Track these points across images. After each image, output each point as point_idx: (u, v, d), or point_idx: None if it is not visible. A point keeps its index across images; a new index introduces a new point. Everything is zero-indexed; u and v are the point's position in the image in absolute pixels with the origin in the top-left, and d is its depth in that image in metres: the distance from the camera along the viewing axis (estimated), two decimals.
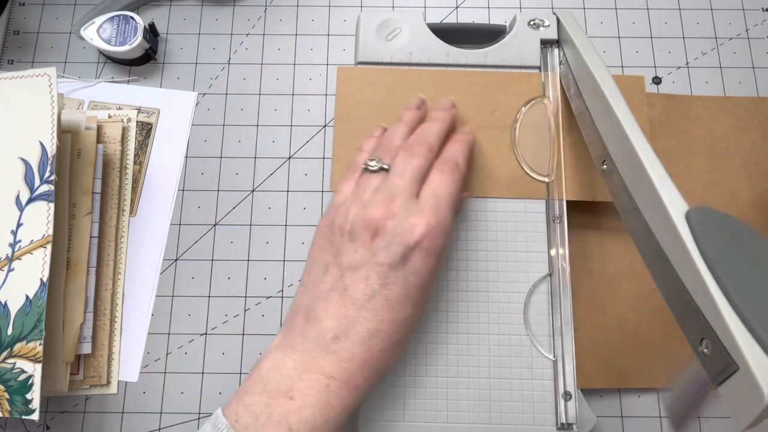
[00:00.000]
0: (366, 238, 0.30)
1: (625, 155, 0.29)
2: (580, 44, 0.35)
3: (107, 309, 0.39)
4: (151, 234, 0.41)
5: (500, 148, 0.37)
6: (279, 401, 0.27)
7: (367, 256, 0.29)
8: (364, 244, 0.30)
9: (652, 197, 0.26)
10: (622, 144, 0.29)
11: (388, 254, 0.29)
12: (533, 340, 0.34)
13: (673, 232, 0.24)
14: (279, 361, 0.29)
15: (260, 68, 0.45)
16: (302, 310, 0.30)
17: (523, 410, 0.33)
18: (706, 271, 0.22)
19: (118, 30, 0.43)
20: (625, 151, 0.29)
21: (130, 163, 0.42)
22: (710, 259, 0.22)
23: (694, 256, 0.23)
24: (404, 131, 0.34)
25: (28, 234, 0.34)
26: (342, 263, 0.30)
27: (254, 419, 0.27)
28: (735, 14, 0.46)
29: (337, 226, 0.31)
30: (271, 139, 0.43)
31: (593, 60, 0.34)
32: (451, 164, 0.33)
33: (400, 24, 0.39)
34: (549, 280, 0.35)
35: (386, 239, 0.29)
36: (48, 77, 0.37)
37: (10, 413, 0.32)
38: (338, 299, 0.29)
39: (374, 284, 0.29)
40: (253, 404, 0.27)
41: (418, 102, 0.36)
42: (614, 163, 0.30)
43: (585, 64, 0.34)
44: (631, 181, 0.28)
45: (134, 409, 0.38)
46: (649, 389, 0.38)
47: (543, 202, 0.37)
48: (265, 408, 0.27)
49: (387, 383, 0.34)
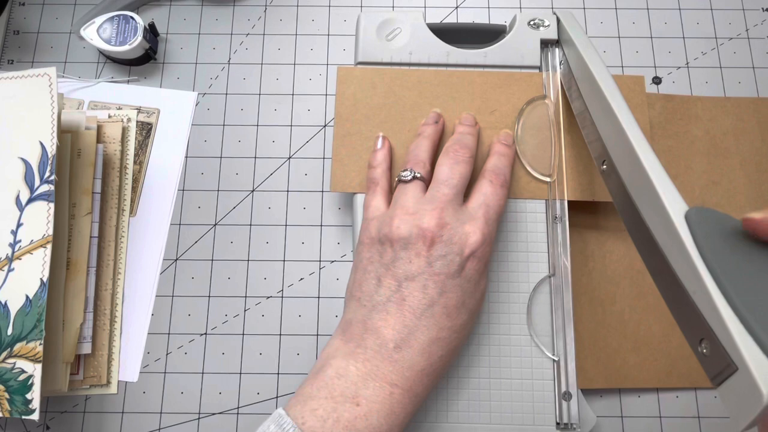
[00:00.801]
0: (421, 247, 0.30)
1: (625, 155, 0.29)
2: (580, 44, 0.35)
3: (107, 309, 0.39)
4: (151, 234, 0.41)
5: None
6: (345, 407, 0.27)
7: (423, 265, 0.30)
8: (419, 254, 0.30)
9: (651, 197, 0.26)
10: (622, 144, 0.29)
11: (445, 263, 0.30)
12: (536, 340, 0.34)
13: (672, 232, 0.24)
14: (342, 369, 0.29)
15: (260, 68, 0.45)
16: (359, 322, 0.30)
17: (523, 410, 0.33)
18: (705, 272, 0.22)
19: (118, 30, 0.43)
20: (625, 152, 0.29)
21: (130, 163, 0.42)
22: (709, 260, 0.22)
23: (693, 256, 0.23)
24: (428, 145, 0.35)
25: (28, 234, 0.34)
26: (397, 274, 0.30)
27: (321, 423, 0.27)
28: (735, 14, 0.46)
29: (386, 237, 0.31)
30: (271, 139, 0.43)
31: (593, 60, 0.34)
32: (502, 179, 0.34)
33: (400, 24, 0.39)
34: (550, 281, 0.35)
35: (443, 248, 0.30)
36: (48, 77, 0.37)
37: (10, 413, 0.32)
38: (396, 309, 0.30)
39: (432, 293, 0.29)
40: (319, 408, 0.27)
41: (435, 116, 0.37)
42: (614, 163, 0.30)
43: (585, 64, 0.34)
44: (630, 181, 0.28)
45: (134, 409, 0.38)
46: (649, 389, 0.38)
47: (544, 202, 0.37)
48: (332, 413, 0.27)
49: None
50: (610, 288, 0.39)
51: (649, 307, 0.38)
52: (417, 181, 0.33)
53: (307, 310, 0.39)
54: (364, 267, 0.32)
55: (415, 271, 0.30)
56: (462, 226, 0.31)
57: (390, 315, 0.30)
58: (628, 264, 0.39)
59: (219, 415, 0.38)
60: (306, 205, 0.42)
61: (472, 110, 0.38)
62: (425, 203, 0.32)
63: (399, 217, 0.31)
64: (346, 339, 0.30)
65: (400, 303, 0.30)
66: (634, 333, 0.38)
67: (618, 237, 0.39)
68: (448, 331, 0.30)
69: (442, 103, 0.38)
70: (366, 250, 0.32)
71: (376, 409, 0.28)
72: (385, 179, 0.35)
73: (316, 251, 0.41)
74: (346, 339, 0.30)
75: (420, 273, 0.30)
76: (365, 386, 0.28)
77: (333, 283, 0.40)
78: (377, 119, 0.38)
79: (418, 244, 0.30)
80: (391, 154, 0.37)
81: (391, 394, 0.28)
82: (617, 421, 0.37)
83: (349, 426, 0.27)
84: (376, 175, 0.35)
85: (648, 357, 0.38)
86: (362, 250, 0.33)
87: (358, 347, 0.29)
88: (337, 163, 0.37)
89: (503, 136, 0.37)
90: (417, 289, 0.30)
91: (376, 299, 0.30)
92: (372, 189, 0.35)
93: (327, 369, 0.29)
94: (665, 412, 0.37)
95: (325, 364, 0.29)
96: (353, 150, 0.37)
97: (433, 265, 0.30)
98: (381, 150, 0.36)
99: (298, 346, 0.39)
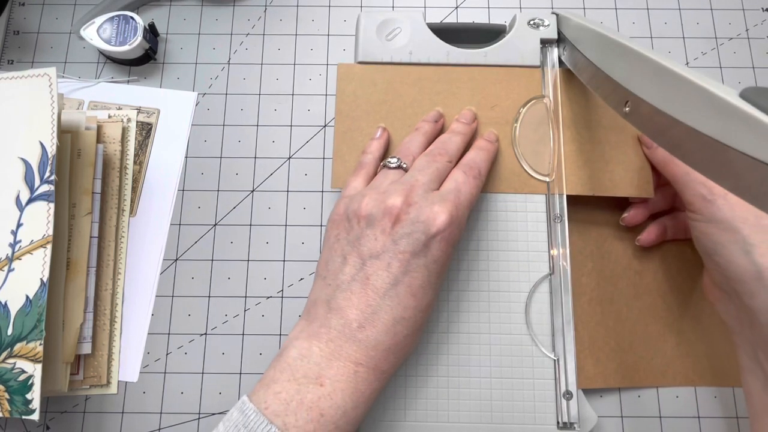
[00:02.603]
0: (386, 224, 0.30)
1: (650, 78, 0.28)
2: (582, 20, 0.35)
3: (107, 309, 0.39)
4: (151, 234, 0.41)
5: (501, 143, 0.37)
6: (309, 388, 0.27)
7: (388, 243, 0.30)
8: (384, 231, 0.30)
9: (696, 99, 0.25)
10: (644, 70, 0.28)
11: (410, 242, 0.30)
12: (535, 339, 0.34)
13: (735, 114, 0.23)
14: (305, 349, 0.29)
15: (260, 68, 0.45)
16: (322, 302, 0.30)
17: (524, 409, 0.33)
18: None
19: (118, 30, 0.43)
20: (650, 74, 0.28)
21: (130, 163, 0.42)
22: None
23: (766, 122, 0.22)
24: (422, 141, 0.35)
25: (28, 234, 0.34)
26: (362, 252, 0.30)
27: (285, 406, 0.27)
28: (735, 14, 0.46)
29: (353, 213, 0.31)
30: (271, 139, 0.43)
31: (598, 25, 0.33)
32: (475, 171, 0.33)
33: (400, 24, 0.39)
34: (550, 280, 0.35)
35: (408, 226, 0.30)
36: (48, 77, 0.37)
37: (10, 413, 0.32)
38: (360, 288, 0.29)
39: (396, 272, 0.29)
40: (282, 391, 0.27)
41: (436, 115, 0.37)
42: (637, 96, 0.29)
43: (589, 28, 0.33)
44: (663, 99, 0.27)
45: (134, 409, 0.38)
46: (649, 389, 0.38)
47: (543, 202, 0.37)
48: (296, 395, 0.27)
49: (389, 383, 0.34)
50: (609, 288, 0.39)
51: (647, 307, 0.38)
52: (400, 170, 0.33)
53: None
54: (331, 245, 0.32)
55: (379, 248, 0.30)
56: (430, 206, 0.30)
57: (354, 294, 0.29)
58: (627, 264, 0.39)
59: (219, 415, 0.38)
60: (306, 205, 0.42)
61: (472, 106, 0.38)
62: (397, 185, 0.32)
63: (369, 195, 0.31)
64: (310, 319, 0.30)
65: (363, 282, 0.29)
66: (634, 332, 0.38)
67: (617, 237, 0.39)
68: (413, 311, 0.30)
69: (442, 99, 0.38)
70: (334, 227, 0.32)
71: (341, 387, 0.28)
72: (373, 166, 0.35)
73: (316, 251, 0.41)
74: (309, 320, 0.30)
75: (384, 251, 0.30)
76: (329, 366, 0.28)
77: None
78: (378, 116, 0.38)
79: (384, 220, 0.30)
80: (388, 147, 0.37)
81: (355, 373, 0.28)
82: (617, 421, 0.37)
83: (313, 406, 0.27)
84: (366, 160, 0.35)
85: (647, 356, 0.38)
86: (331, 227, 0.32)
87: (321, 327, 0.29)
88: (338, 159, 0.37)
89: (487, 134, 0.37)
90: (381, 267, 0.29)
91: (341, 278, 0.30)
92: (357, 171, 0.35)
93: (290, 350, 0.29)
94: (665, 412, 0.37)
95: (288, 345, 0.29)
96: (354, 146, 0.37)
97: (398, 243, 0.30)
98: (378, 140, 0.36)
99: None
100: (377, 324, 0.29)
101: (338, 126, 0.38)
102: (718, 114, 0.24)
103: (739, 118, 0.23)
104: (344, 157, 0.37)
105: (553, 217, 0.36)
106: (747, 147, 0.23)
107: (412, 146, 0.35)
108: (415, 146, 0.35)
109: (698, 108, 0.26)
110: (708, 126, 0.25)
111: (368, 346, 0.29)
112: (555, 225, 0.36)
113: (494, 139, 0.37)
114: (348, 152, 0.37)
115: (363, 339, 0.29)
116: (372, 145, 0.36)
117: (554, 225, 0.36)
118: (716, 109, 0.24)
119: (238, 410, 0.27)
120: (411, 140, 0.35)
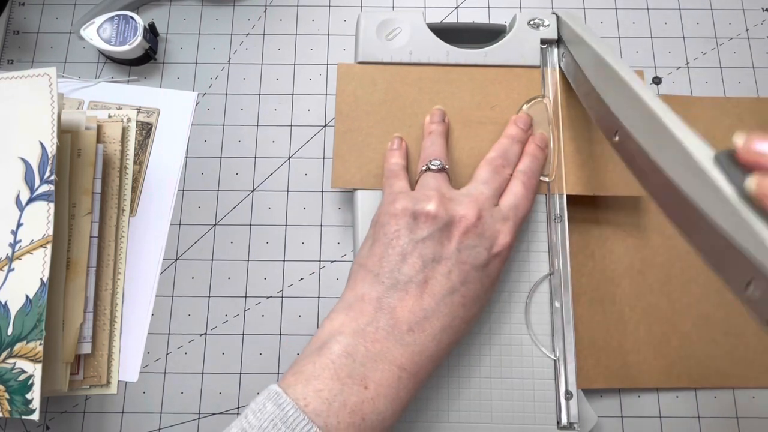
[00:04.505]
0: (455, 233, 0.30)
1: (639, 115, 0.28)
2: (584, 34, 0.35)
3: (107, 309, 0.39)
4: (151, 234, 0.41)
5: None
6: (353, 389, 0.27)
7: (453, 251, 0.30)
8: (451, 238, 0.30)
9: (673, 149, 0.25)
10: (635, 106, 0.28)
11: (473, 255, 0.30)
12: (534, 339, 0.34)
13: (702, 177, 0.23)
14: (351, 347, 0.28)
15: (260, 68, 0.45)
16: (372, 299, 0.29)
17: (524, 409, 0.33)
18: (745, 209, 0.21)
19: (118, 30, 0.43)
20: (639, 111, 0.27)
21: (130, 163, 0.42)
22: None
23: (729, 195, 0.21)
24: (443, 142, 0.36)
25: (28, 234, 0.34)
26: (425, 253, 0.30)
27: (327, 405, 0.26)
28: (735, 14, 0.46)
29: (421, 212, 0.31)
30: (271, 139, 0.43)
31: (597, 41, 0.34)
32: (534, 182, 0.34)
33: (400, 24, 0.39)
34: (550, 280, 0.35)
35: (475, 239, 0.30)
36: (48, 77, 0.37)
37: (10, 413, 0.32)
38: (417, 291, 0.29)
39: (455, 281, 0.30)
40: (324, 390, 0.26)
41: (441, 114, 0.37)
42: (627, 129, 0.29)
43: (589, 45, 0.33)
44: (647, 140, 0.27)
45: (134, 409, 0.38)
46: (649, 389, 0.38)
47: (544, 202, 0.37)
48: (338, 395, 0.26)
49: None
50: (610, 288, 0.39)
51: (649, 307, 0.38)
52: (444, 173, 0.34)
53: (307, 310, 0.39)
54: (389, 240, 0.31)
55: (444, 254, 0.30)
56: (495, 224, 0.31)
57: (409, 296, 0.29)
58: (628, 264, 0.39)
59: (219, 415, 0.38)
60: (306, 205, 0.42)
61: (472, 106, 0.38)
62: (463, 195, 0.32)
63: (437, 198, 0.31)
64: (355, 315, 0.29)
65: (421, 285, 0.29)
66: (634, 333, 0.38)
67: (618, 236, 0.39)
68: (460, 321, 0.30)
69: (442, 99, 0.38)
70: (394, 222, 0.31)
71: (384, 393, 0.27)
72: (403, 173, 0.35)
73: (316, 251, 0.41)
74: (354, 315, 0.29)
75: (448, 257, 0.30)
76: (374, 368, 0.27)
77: (333, 283, 0.40)
78: (378, 115, 0.38)
79: (452, 228, 0.30)
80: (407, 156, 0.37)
81: (399, 378, 0.28)
82: (617, 421, 0.37)
83: (356, 410, 0.26)
84: (395, 168, 0.35)
85: (648, 357, 0.37)
86: (389, 220, 0.31)
87: (368, 325, 0.28)
88: (338, 159, 0.37)
89: (539, 138, 0.36)
90: (441, 273, 0.30)
91: (397, 277, 0.30)
92: (395, 174, 0.35)
93: (332, 345, 0.28)
94: (665, 412, 0.37)
95: (330, 340, 0.28)
96: (354, 146, 0.37)
97: (462, 252, 0.30)
98: (398, 150, 0.36)
99: (298, 346, 0.39)
100: (426, 329, 0.29)
101: (338, 126, 0.38)
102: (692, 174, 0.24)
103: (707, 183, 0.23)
104: (344, 156, 0.37)
105: (553, 217, 0.36)
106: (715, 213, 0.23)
107: (438, 148, 0.35)
108: (440, 147, 0.35)
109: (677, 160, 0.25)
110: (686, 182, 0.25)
111: (414, 351, 0.28)
112: (555, 225, 0.36)
113: (545, 144, 0.37)
114: (348, 152, 0.37)
115: (410, 343, 0.28)
116: (395, 154, 0.36)
117: (554, 225, 0.36)
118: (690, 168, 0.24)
119: (273, 402, 0.26)
120: (433, 143, 0.35)
